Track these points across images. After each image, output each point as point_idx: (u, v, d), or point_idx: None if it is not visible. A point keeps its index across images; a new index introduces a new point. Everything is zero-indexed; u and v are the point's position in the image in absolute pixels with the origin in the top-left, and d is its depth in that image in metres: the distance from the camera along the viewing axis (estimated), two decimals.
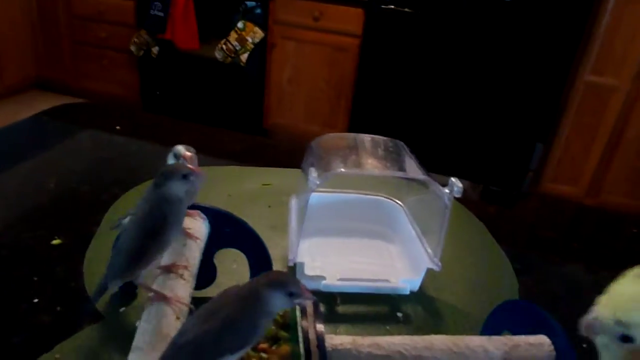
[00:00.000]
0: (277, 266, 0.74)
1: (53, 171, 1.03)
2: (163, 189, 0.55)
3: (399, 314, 0.76)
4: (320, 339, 0.50)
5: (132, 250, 0.57)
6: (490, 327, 0.67)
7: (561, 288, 0.88)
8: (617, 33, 2.37)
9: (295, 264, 0.76)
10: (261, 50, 2.85)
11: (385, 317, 0.76)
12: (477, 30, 2.39)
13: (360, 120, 2.76)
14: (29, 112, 1.31)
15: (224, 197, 0.99)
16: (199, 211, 0.69)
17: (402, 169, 0.75)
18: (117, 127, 1.20)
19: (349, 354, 0.52)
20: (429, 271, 0.80)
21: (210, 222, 0.69)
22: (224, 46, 2.86)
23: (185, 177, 0.56)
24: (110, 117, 1.28)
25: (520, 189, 2.70)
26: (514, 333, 0.60)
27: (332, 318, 0.74)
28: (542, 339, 0.56)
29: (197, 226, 0.67)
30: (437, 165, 2.63)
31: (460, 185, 0.72)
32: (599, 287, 0.45)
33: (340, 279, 0.76)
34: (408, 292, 0.77)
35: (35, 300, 0.72)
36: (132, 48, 2.92)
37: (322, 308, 0.76)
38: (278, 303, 0.45)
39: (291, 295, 0.45)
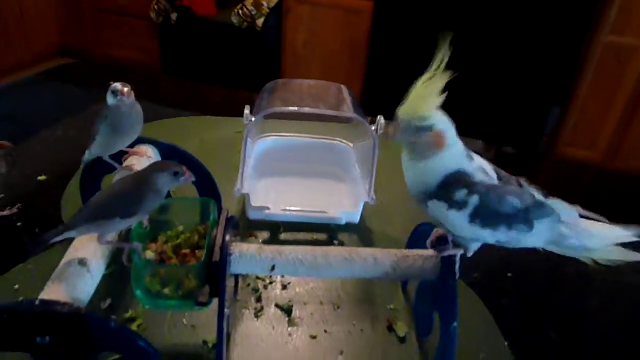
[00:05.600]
0: (227, 198, 0.82)
1: (54, 125, 1.15)
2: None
3: (336, 242, 0.85)
4: (224, 244, 0.58)
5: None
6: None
7: None
8: None
9: (244, 195, 0.84)
10: (277, 14, 2.91)
11: (322, 244, 0.84)
12: None
13: (375, 81, 2.79)
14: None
15: (196, 142, 1.08)
16: (150, 149, 0.78)
17: (336, 108, 0.82)
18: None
19: (252, 256, 0.60)
20: (374, 206, 0.87)
21: (162, 156, 0.78)
22: (240, 11, 2.92)
23: (176, 174, 0.58)
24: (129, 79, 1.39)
25: (536, 151, 2.69)
26: None
27: (274, 244, 0.83)
28: (430, 252, 0.63)
29: (144, 165, 0.75)
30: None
31: (384, 122, 0.78)
32: None
33: (283, 209, 0.84)
34: (344, 222, 0.85)
35: (19, 224, 0.83)
36: (152, 15, 3.02)
37: (267, 234, 0.85)
38: (162, 181, 0.56)
39: (176, 174, 0.57)
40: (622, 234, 0.59)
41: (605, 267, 0.60)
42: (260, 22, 2.92)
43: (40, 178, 0.94)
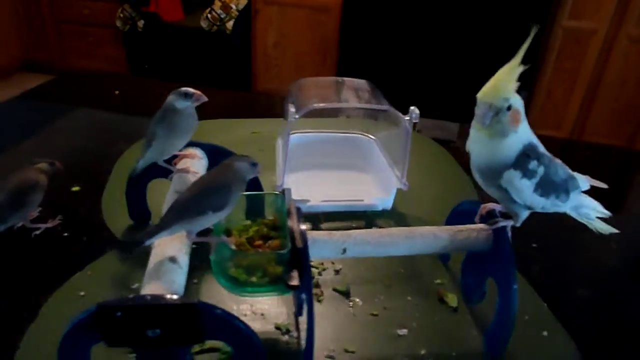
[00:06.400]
0: None
1: (63, 135, 1.15)
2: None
3: (374, 227, 0.90)
4: (302, 231, 0.63)
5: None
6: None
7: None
8: None
9: (283, 190, 0.88)
10: (246, 16, 2.93)
11: None
12: None
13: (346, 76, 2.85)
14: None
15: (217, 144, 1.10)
16: (198, 151, 0.81)
17: (368, 102, 0.87)
18: (116, 92, 1.32)
19: (324, 242, 0.65)
20: (402, 193, 0.93)
21: (207, 156, 0.82)
22: (208, 15, 2.93)
23: (253, 164, 0.63)
24: (105, 85, 1.39)
25: None
26: None
27: None
28: (481, 226, 0.69)
29: (197, 167, 0.79)
30: (425, 111, 2.75)
31: (418, 112, 0.84)
32: None
33: (323, 200, 0.89)
34: (380, 209, 0.90)
35: (65, 234, 0.85)
36: (118, 23, 2.99)
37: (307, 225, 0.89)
38: (245, 170, 0.62)
39: (253, 164, 0.62)
40: (602, 209, 0.70)
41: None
42: (229, 24, 2.93)
43: (74, 189, 0.96)
